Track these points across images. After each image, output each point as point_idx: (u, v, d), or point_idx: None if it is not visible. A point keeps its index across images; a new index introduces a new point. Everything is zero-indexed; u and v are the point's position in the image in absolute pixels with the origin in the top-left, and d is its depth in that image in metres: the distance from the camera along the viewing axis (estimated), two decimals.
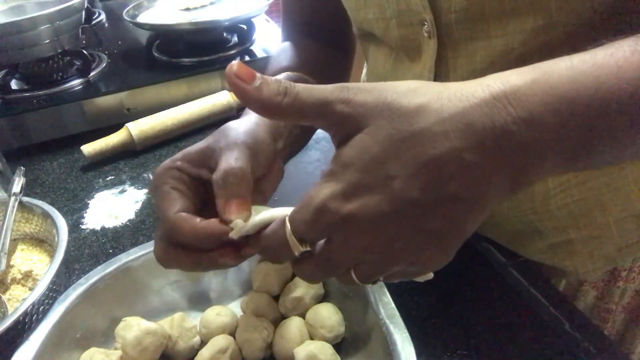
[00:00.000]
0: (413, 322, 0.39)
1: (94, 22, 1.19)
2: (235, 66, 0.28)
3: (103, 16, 1.28)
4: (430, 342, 0.44)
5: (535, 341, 0.43)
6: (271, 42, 1.02)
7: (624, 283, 0.55)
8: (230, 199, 0.32)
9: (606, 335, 0.44)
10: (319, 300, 0.46)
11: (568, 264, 0.53)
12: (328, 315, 0.43)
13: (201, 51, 0.96)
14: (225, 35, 1.03)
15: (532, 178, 0.27)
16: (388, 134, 0.26)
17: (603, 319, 0.57)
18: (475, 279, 0.50)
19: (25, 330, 0.42)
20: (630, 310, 0.57)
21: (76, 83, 0.90)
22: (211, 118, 0.85)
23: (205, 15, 1.01)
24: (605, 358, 0.41)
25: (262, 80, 0.28)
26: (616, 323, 0.57)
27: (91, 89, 0.88)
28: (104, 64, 0.96)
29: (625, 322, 0.58)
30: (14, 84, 0.91)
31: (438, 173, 0.26)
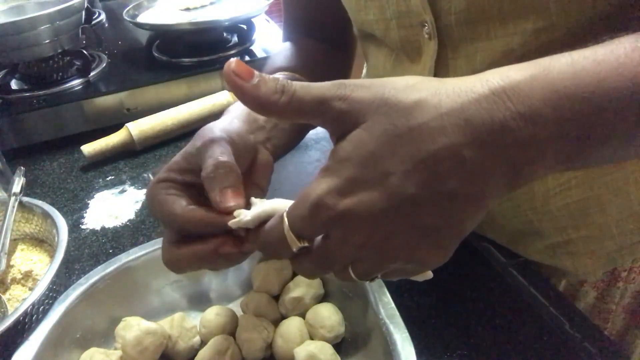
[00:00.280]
0: (413, 322, 0.38)
1: (94, 22, 1.19)
2: (233, 63, 0.28)
3: (103, 16, 1.28)
4: (430, 342, 0.44)
5: (535, 341, 0.43)
6: (271, 42, 1.02)
7: (624, 283, 0.55)
8: (224, 189, 0.32)
9: (606, 335, 0.44)
10: (319, 300, 0.46)
11: (568, 265, 0.54)
12: (328, 315, 0.43)
13: (201, 51, 0.96)
14: (225, 35, 1.03)
15: (531, 175, 0.27)
16: (385, 130, 0.26)
17: (603, 320, 0.57)
18: (475, 279, 0.50)
19: (25, 330, 0.42)
20: (630, 310, 0.57)
21: (76, 83, 0.90)
22: (211, 118, 0.84)
23: (205, 15, 1.01)
24: (605, 358, 0.41)
25: (260, 78, 0.28)
26: (616, 323, 0.57)
27: (91, 89, 0.88)
28: (104, 64, 0.96)
29: (625, 323, 0.58)
30: (14, 84, 0.91)
31: (435, 169, 0.25)
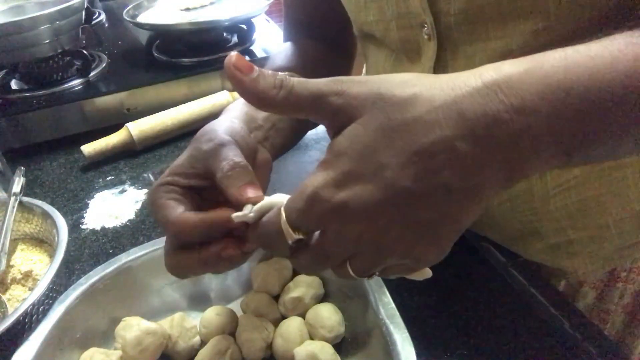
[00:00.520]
0: (413, 322, 0.38)
1: (94, 22, 1.19)
2: (234, 57, 0.29)
3: (103, 16, 1.28)
4: (430, 342, 0.44)
5: (535, 341, 0.43)
6: (271, 42, 1.02)
7: (623, 284, 0.55)
8: (243, 186, 0.33)
9: (606, 335, 0.44)
10: (319, 300, 0.46)
11: (567, 265, 0.54)
12: (328, 315, 0.43)
13: (201, 51, 0.96)
14: (225, 35, 1.03)
15: (528, 168, 0.27)
16: (380, 123, 0.26)
17: (602, 320, 0.57)
18: (475, 279, 0.50)
19: (25, 330, 0.42)
20: (629, 311, 0.57)
21: (76, 83, 0.90)
22: (211, 118, 0.83)
23: (205, 15, 1.01)
24: (604, 358, 0.41)
25: (259, 72, 0.29)
26: (615, 324, 0.58)
27: (91, 89, 0.88)
28: (104, 64, 0.96)
29: (624, 323, 0.58)
30: (14, 84, 0.91)
31: (430, 162, 0.25)
